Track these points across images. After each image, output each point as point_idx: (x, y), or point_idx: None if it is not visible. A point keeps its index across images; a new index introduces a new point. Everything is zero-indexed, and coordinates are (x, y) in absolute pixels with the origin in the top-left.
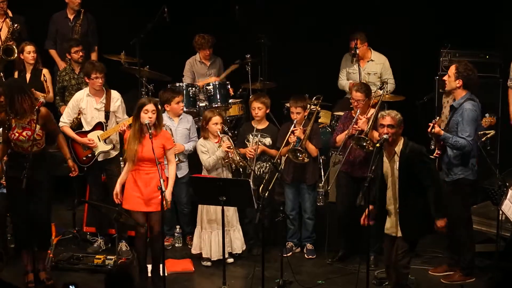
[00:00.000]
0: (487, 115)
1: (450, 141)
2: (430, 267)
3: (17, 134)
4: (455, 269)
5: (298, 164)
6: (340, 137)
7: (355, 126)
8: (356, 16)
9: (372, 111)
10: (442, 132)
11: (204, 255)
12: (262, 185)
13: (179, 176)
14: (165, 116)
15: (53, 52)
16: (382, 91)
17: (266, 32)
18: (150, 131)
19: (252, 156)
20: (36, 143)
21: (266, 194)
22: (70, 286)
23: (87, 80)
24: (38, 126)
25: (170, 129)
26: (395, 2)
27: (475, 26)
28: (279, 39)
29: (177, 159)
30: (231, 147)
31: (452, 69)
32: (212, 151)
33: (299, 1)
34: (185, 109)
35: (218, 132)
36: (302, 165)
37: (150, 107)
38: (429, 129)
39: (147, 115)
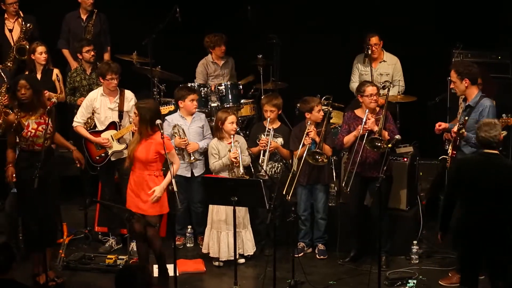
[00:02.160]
0: (503, 115)
1: (473, 140)
2: (440, 268)
3: (33, 131)
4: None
5: (317, 165)
6: (348, 138)
7: (365, 126)
8: (369, 16)
9: (377, 109)
10: (466, 133)
11: (212, 255)
12: (286, 187)
13: (195, 174)
14: (177, 115)
15: (66, 52)
16: (385, 90)
17: (278, 32)
18: (162, 131)
19: (264, 146)
20: (49, 137)
21: (289, 196)
22: None
23: (102, 81)
24: (48, 118)
25: (183, 129)
26: (408, 2)
27: (487, 26)
28: (291, 39)
29: (193, 158)
30: (238, 158)
31: (453, 75)
32: (223, 153)
33: (311, 1)
34: (196, 110)
35: (233, 132)
36: (319, 166)
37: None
38: (455, 129)
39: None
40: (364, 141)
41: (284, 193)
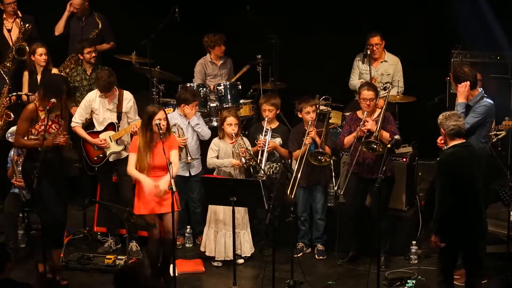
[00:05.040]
0: (506, 118)
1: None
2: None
3: (47, 126)
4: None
5: (317, 167)
6: (349, 139)
7: (363, 128)
8: (368, 16)
9: (378, 111)
10: None
11: (207, 254)
12: (290, 187)
13: (192, 174)
14: (176, 113)
15: None
16: (386, 91)
17: (277, 32)
18: (161, 131)
19: (262, 147)
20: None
21: (293, 195)
22: None
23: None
24: (62, 121)
25: (181, 128)
26: (406, 2)
27: (486, 26)
28: (290, 39)
29: (190, 158)
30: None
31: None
32: (224, 151)
33: (310, 0)
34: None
35: (233, 134)
36: (319, 167)
37: (161, 115)
38: None
39: (160, 122)
40: (361, 143)
41: (288, 192)
